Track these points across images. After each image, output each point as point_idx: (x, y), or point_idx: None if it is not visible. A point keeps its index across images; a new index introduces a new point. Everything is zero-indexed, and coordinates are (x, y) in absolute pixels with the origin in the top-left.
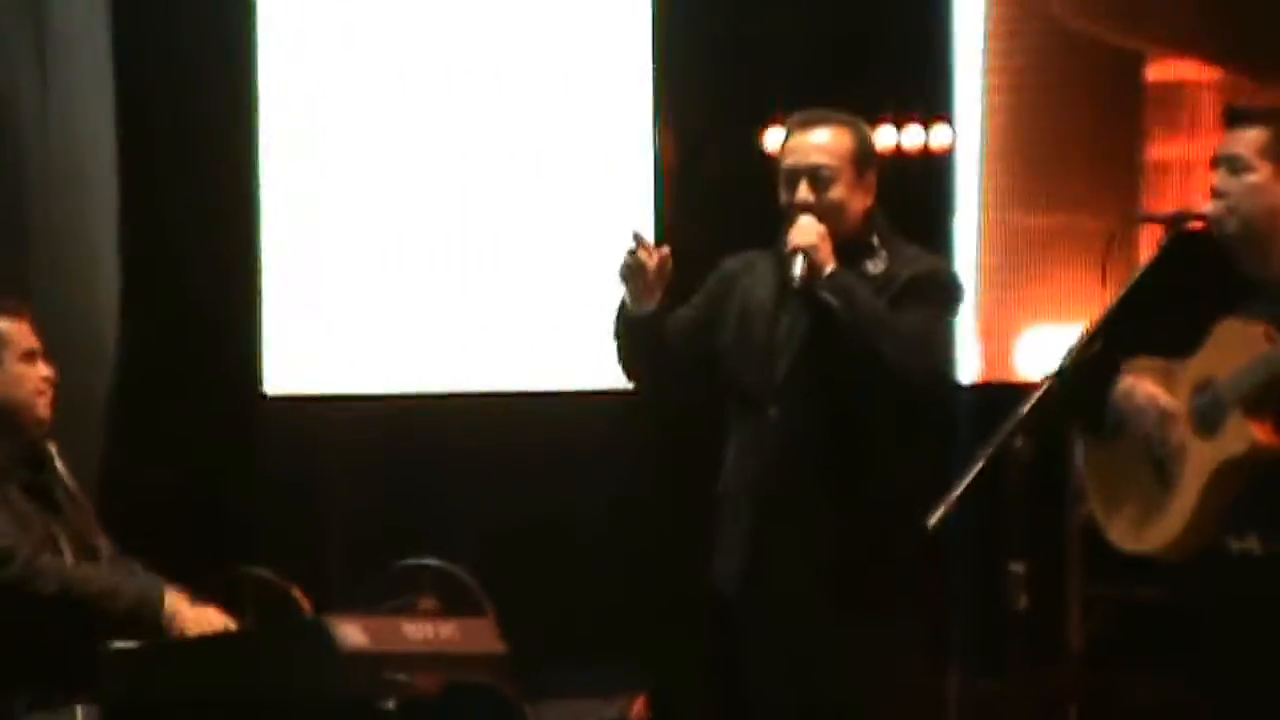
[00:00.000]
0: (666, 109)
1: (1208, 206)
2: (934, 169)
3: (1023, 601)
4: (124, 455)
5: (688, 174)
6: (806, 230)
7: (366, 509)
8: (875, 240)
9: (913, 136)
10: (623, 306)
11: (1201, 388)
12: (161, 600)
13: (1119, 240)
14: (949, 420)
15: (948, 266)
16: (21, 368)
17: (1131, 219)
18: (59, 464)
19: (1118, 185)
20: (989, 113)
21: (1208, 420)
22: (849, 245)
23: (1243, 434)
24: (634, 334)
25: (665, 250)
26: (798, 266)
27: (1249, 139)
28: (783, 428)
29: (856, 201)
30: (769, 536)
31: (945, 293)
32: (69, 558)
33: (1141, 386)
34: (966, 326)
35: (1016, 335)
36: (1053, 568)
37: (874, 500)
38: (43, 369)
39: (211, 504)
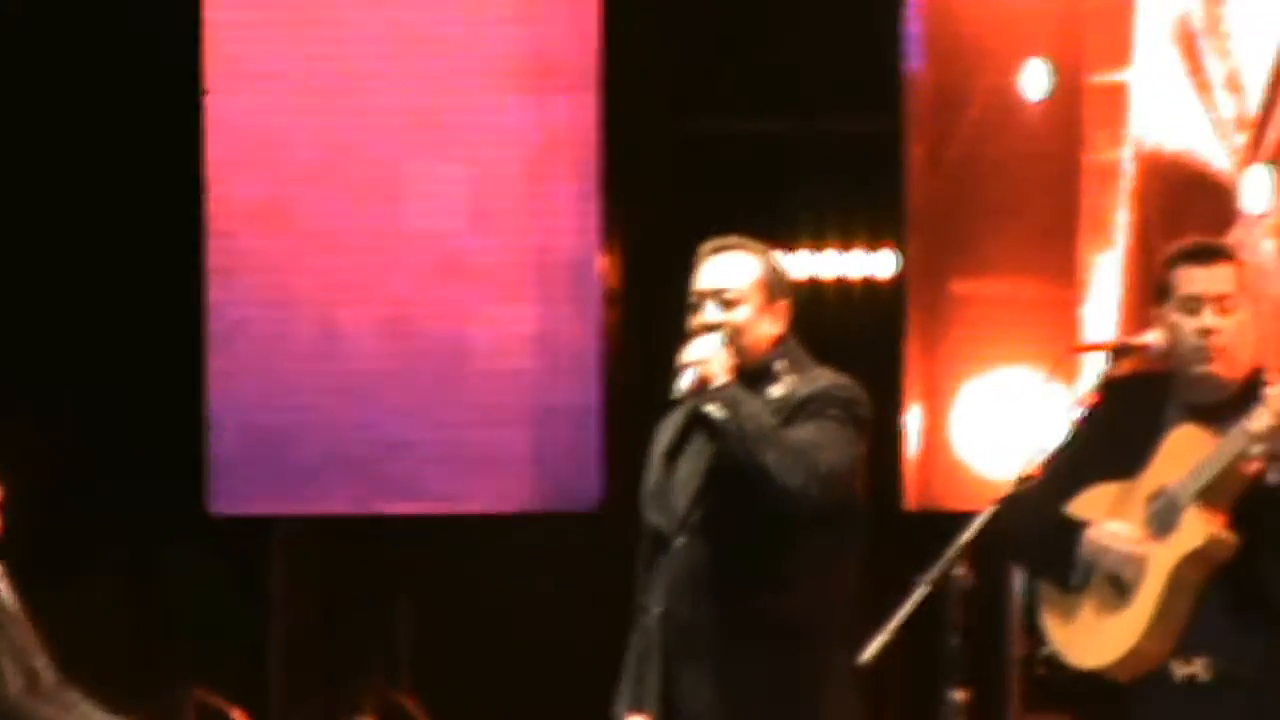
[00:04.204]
0: (611, 233)
1: (1149, 337)
2: (878, 294)
3: None
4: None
5: (634, 301)
6: (699, 346)
7: (310, 628)
8: (780, 366)
9: (856, 263)
10: None
11: (1154, 496)
12: None
13: (1061, 367)
14: (857, 540)
15: (846, 382)
16: None
17: (1074, 347)
18: (2, 584)
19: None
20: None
21: (1163, 523)
22: (754, 371)
23: (1199, 527)
24: None
25: None
26: (684, 380)
27: (1228, 276)
28: (686, 558)
29: (763, 327)
30: (679, 669)
31: (839, 406)
32: (10, 680)
33: (1100, 536)
34: (910, 448)
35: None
36: (993, 697)
37: (779, 626)
38: None
39: (154, 621)
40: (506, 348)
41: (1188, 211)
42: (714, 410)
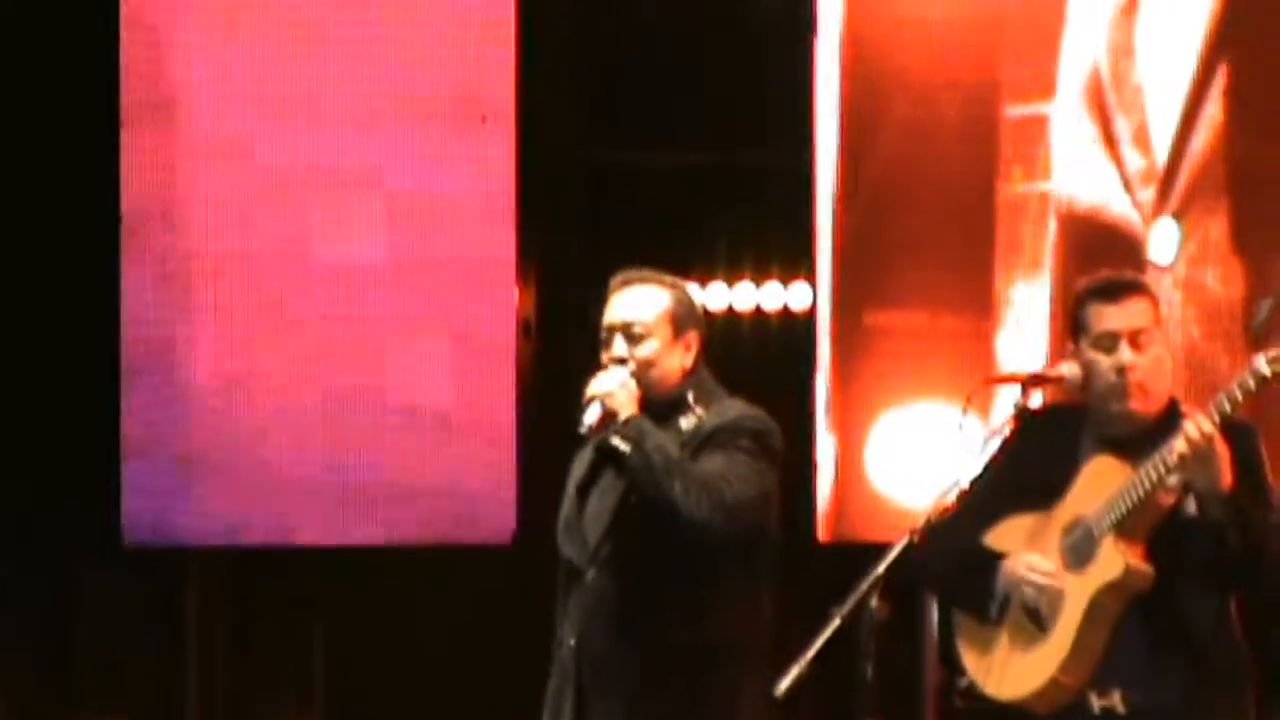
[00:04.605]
0: (526, 265)
1: (1064, 369)
2: (793, 327)
3: None
4: None
5: (549, 332)
6: (605, 379)
7: (224, 658)
8: (690, 397)
9: (771, 295)
10: None
11: (1070, 527)
12: None
13: (976, 399)
14: (769, 570)
15: (756, 414)
16: None
17: (989, 378)
18: None
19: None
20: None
21: (1079, 554)
22: (664, 403)
23: (1116, 558)
24: None
25: None
26: (590, 414)
27: (1142, 310)
28: (597, 590)
29: (672, 360)
30: (592, 702)
31: (749, 437)
32: None
33: (1017, 567)
34: (824, 478)
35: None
36: None
37: (690, 657)
38: None
39: (68, 651)
40: (421, 379)
41: (1099, 263)
42: (619, 444)
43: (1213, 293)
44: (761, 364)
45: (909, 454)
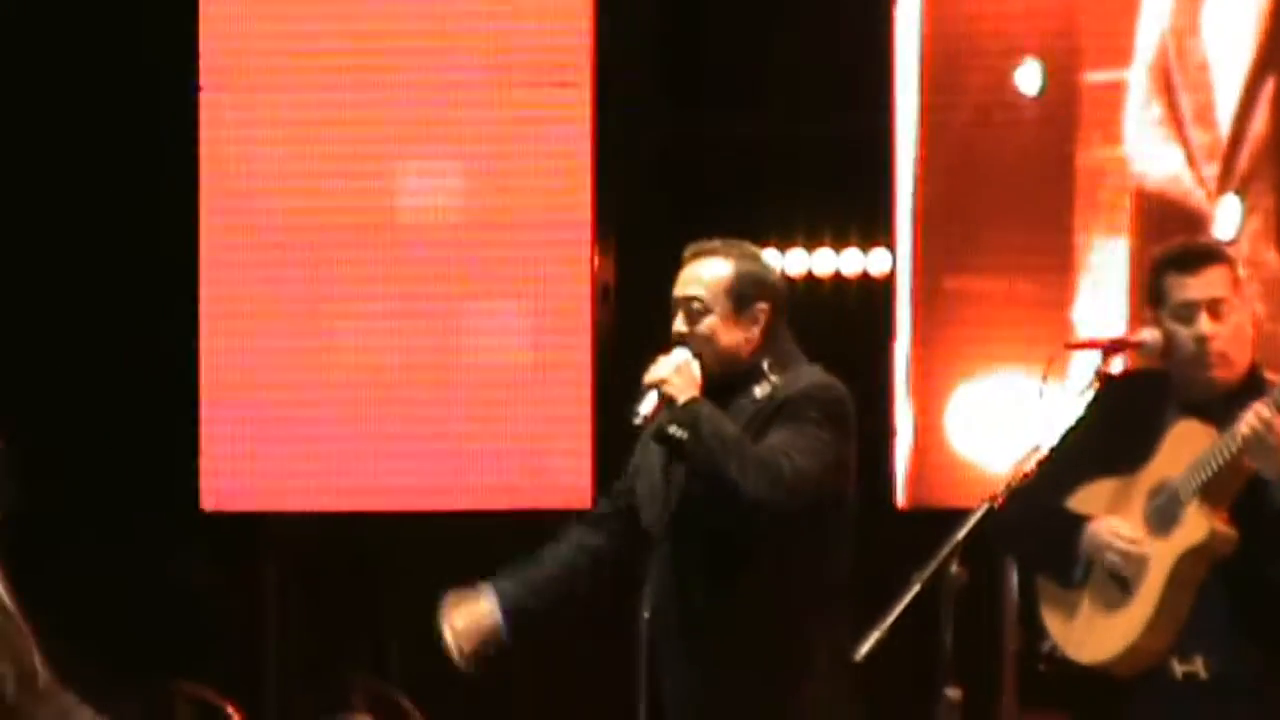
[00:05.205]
0: (605, 229)
1: (1145, 335)
2: (872, 293)
3: None
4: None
5: (627, 297)
6: (661, 365)
7: (302, 622)
8: (765, 365)
9: (851, 261)
10: None
11: (1155, 491)
12: None
13: (1056, 364)
14: (842, 537)
15: (826, 383)
16: None
17: (1069, 344)
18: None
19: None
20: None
21: (1164, 518)
22: (735, 375)
23: (1201, 522)
24: None
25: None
26: (645, 404)
27: (1221, 278)
28: (672, 561)
29: (733, 334)
30: (663, 670)
31: (815, 408)
32: (6, 680)
33: (1101, 531)
34: (902, 446)
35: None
36: (987, 694)
37: (762, 625)
38: None
39: (145, 617)
40: (498, 344)
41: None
42: (675, 431)
43: (1274, 268)
44: (841, 329)
45: (989, 419)
